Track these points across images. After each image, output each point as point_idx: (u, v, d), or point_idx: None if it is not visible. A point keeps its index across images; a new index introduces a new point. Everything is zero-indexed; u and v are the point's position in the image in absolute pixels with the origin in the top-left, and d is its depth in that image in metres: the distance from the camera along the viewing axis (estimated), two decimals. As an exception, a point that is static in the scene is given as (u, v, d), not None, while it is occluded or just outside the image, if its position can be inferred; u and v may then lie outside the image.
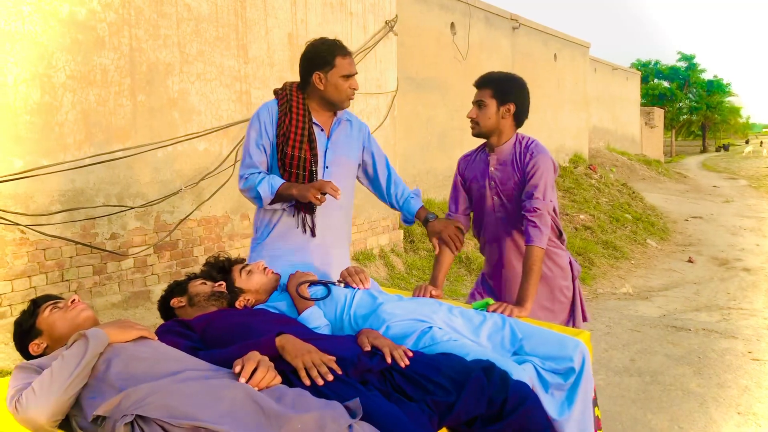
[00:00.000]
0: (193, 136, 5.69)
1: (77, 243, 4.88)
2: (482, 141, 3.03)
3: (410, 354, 1.98)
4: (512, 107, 2.87)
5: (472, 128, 2.95)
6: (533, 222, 2.72)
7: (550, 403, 2.06)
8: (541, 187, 2.77)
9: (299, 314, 2.37)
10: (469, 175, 3.06)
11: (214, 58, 5.89)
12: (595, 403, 2.28)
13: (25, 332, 2.02)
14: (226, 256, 2.68)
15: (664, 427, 3.73)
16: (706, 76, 48.08)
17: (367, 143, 3.06)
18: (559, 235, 3.00)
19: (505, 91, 2.88)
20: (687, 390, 4.27)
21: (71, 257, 4.89)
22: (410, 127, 9.94)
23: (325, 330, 2.32)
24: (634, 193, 15.92)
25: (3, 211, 4.42)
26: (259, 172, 2.77)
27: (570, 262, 3.06)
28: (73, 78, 4.82)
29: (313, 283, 2.48)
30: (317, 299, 2.40)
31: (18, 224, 4.51)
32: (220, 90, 5.96)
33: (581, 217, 11.76)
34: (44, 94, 4.66)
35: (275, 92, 2.91)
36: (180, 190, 5.59)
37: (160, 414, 1.50)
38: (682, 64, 47.37)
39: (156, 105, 5.41)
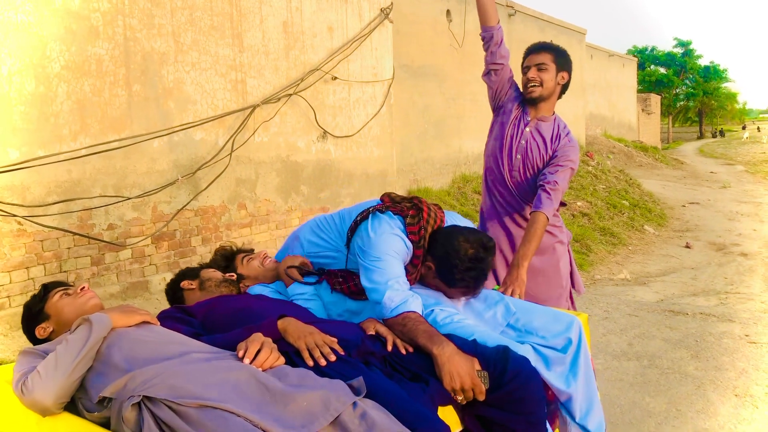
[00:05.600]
0: (188, 126, 5.67)
1: (75, 234, 4.87)
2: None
3: (410, 349, 2.00)
4: (566, 76, 2.96)
5: (532, 91, 2.93)
6: (548, 192, 2.80)
7: (555, 378, 2.09)
8: (566, 170, 2.87)
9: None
10: (508, 100, 3.08)
11: (209, 47, 5.86)
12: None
13: (33, 315, 2.06)
14: (236, 248, 2.74)
15: (662, 409, 3.76)
16: (703, 62, 48.15)
17: None
18: (562, 204, 3.15)
19: (563, 58, 2.96)
20: (684, 373, 4.30)
21: (69, 248, 4.88)
22: (407, 115, 9.91)
23: (312, 303, 2.33)
24: (631, 179, 15.91)
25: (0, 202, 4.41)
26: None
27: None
28: (68, 68, 4.80)
29: (308, 272, 2.46)
30: (308, 283, 2.39)
31: (15, 215, 4.49)
32: (215, 79, 5.93)
33: (578, 204, 11.76)
34: (39, 85, 4.63)
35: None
36: (176, 180, 5.58)
37: (167, 394, 1.52)
38: (679, 51, 47.30)
39: (151, 95, 5.39)
